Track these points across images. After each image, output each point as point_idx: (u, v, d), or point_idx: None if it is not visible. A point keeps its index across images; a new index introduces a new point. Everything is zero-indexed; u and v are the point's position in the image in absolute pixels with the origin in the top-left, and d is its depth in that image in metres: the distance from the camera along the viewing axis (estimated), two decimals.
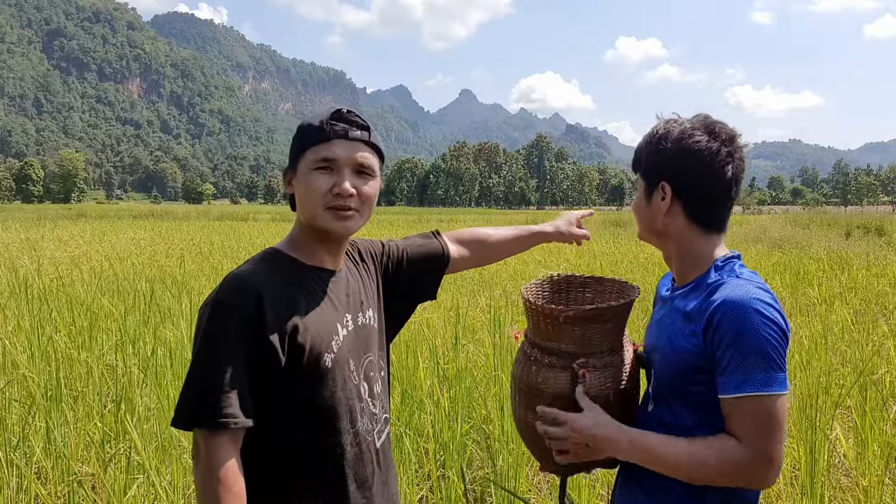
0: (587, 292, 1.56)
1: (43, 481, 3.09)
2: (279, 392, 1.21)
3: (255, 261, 1.28)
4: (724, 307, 1.17)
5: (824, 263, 11.17)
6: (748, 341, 1.14)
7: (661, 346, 1.33)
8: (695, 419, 1.25)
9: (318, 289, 1.29)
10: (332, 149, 1.24)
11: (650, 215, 1.36)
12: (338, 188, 1.24)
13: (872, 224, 21.48)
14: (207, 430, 1.14)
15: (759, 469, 1.16)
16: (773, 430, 1.15)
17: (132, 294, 7.32)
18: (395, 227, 26.44)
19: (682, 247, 1.35)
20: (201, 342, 1.18)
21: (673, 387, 1.28)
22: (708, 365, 1.21)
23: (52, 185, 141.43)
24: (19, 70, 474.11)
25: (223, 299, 1.18)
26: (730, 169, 1.28)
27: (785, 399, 1.17)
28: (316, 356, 1.23)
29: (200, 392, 1.15)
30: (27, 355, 4.47)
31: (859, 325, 5.93)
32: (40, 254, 12.09)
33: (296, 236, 1.34)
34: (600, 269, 10.37)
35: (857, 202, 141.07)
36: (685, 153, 1.28)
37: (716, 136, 1.28)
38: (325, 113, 1.27)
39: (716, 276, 1.28)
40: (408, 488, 2.96)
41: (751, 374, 1.14)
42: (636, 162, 1.41)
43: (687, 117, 1.36)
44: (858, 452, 3.23)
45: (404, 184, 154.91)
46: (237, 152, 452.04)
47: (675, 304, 1.34)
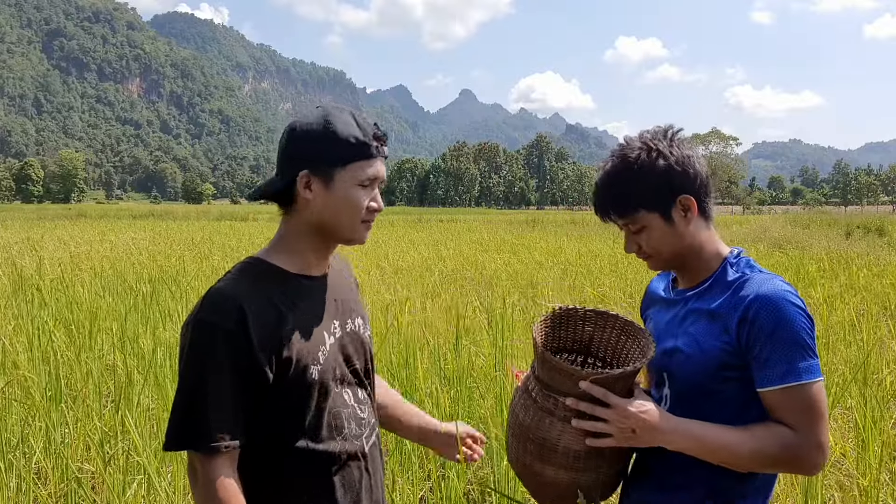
0: (588, 326, 1.49)
1: (43, 481, 3.09)
2: (265, 403, 1.20)
3: (234, 273, 1.25)
4: (760, 301, 1.20)
5: (824, 263, 11.17)
6: (788, 332, 1.18)
7: (684, 348, 1.31)
8: (721, 417, 1.25)
9: (303, 298, 1.27)
10: (378, 168, 1.27)
11: (677, 237, 1.32)
12: (376, 204, 1.28)
13: (872, 224, 21.47)
14: (202, 453, 1.13)
15: (814, 455, 1.19)
16: (823, 416, 1.19)
17: (132, 294, 7.32)
18: (395, 227, 26.44)
19: (696, 248, 1.35)
20: (186, 363, 1.16)
21: (701, 386, 1.28)
22: (738, 362, 1.23)
23: (52, 185, 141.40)
24: (19, 70, 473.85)
25: (204, 318, 1.16)
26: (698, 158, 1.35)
27: (823, 384, 1.21)
28: (302, 368, 1.22)
29: (190, 415, 1.14)
30: (27, 355, 4.47)
31: (860, 325, 5.92)
32: (40, 254, 12.09)
33: (285, 242, 1.31)
34: (600, 269, 10.37)
35: (857, 202, 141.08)
36: (686, 161, 1.30)
37: (665, 135, 1.33)
38: (367, 127, 1.26)
39: (735, 273, 1.30)
40: (408, 488, 2.96)
41: (794, 363, 1.17)
42: (630, 202, 1.31)
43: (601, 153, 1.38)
44: (858, 452, 3.23)
45: (404, 184, 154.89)
46: (237, 152, 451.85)
47: (692, 306, 1.33)
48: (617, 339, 1.45)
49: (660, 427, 1.22)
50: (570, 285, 8.34)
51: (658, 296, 1.49)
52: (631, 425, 1.22)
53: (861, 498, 2.91)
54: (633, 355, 1.38)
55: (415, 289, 7.99)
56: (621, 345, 1.44)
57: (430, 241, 18.09)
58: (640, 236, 1.34)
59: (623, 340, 1.44)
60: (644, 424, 1.22)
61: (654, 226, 1.32)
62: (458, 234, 21.77)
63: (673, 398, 1.35)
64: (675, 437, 1.23)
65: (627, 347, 1.42)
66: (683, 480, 1.30)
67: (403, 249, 14.62)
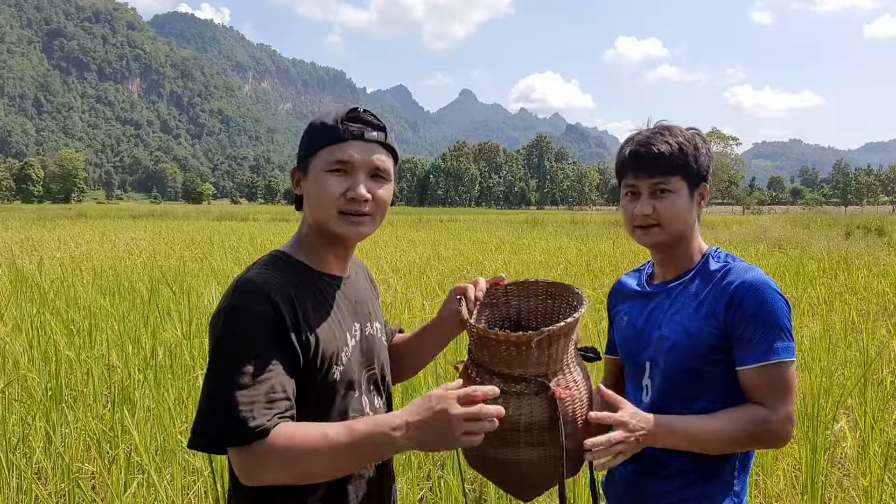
0: (512, 300, 1.45)
1: (43, 481, 3.09)
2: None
3: (262, 264, 1.21)
4: (745, 286, 1.31)
5: (824, 263, 11.17)
6: (770, 314, 1.29)
7: (670, 335, 1.39)
8: (706, 399, 1.35)
9: (327, 296, 1.23)
10: (347, 150, 1.17)
11: (692, 217, 1.43)
12: (353, 192, 1.18)
13: (872, 224, 21.49)
14: (249, 442, 1.05)
15: (785, 428, 1.30)
16: (793, 392, 1.31)
17: (132, 294, 7.32)
18: (395, 228, 26.43)
19: (689, 236, 1.45)
20: (221, 350, 1.09)
21: (689, 370, 1.36)
22: (725, 344, 1.33)
23: (52, 185, 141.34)
24: (19, 70, 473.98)
25: (237, 304, 1.11)
26: None
27: (796, 365, 1.33)
28: (327, 368, 1.17)
29: (229, 406, 1.05)
30: (27, 356, 4.47)
31: (860, 325, 5.92)
32: (41, 254, 12.09)
33: (303, 239, 1.27)
34: (600, 269, 10.37)
35: (857, 202, 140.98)
36: (711, 158, 1.45)
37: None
38: (341, 111, 1.20)
39: (717, 264, 1.41)
40: (408, 488, 2.96)
41: (774, 343, 1.29)
42: (676, 163, 1.37)
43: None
44: (859, 452, 3.23)
45: (404, 184, 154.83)
46: (237, 152, 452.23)
47: (676, 295, 1.42)
48: (544, 303, 1.45)
49: (654, 432, 1.27)
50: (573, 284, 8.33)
51: (632, 290, 1.55)
52: (637, 437, 1.26)
53: (861, 498, 2.91)
54: (565, 313, 1.39)
55: (414, 289, 7.99)
56: (549, 309, 1.45)
57: (430, 241, 18.09)
58: (662, 201, 1.39)
59: (550, 304, 1.44)
60: (645, 434, 1.26)
61: (680, 196, 1.39)
62: (458, 234, 21.77)
63: (657, 385, 1.42)
64: (668, 436, 1.29)
65: (556, 308, 1.43)
66: (680, 465, 1.39)
67: (403, 249, 14.62)
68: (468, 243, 17.22)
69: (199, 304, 6.61)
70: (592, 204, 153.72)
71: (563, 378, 1.27)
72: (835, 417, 3.43)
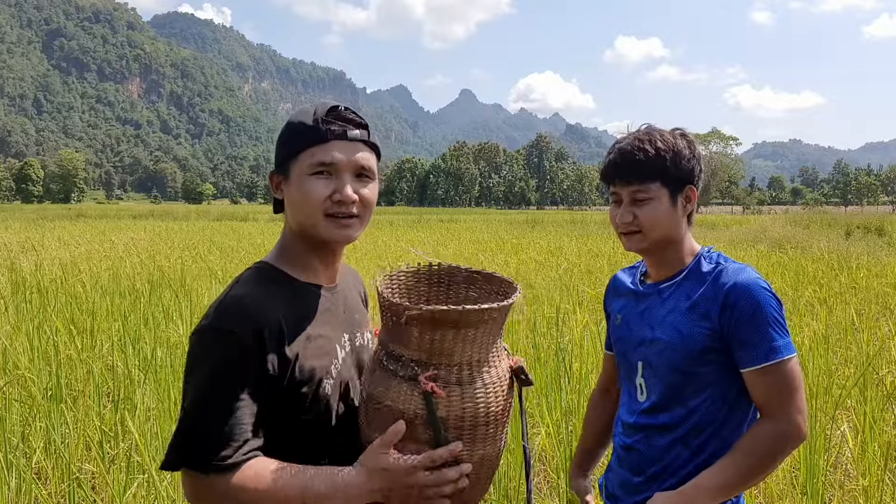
0: (471, 290, 1.30)
1: (43, 481, 3.09)
2: (274, 415, 1.11)
3: (245, 280, 1.16)
4: (738, 288, 1.32)
5: (824, 263, 11.16)
6: (765, 314, 1.31)
7: (663, 337, 1.40)
8: (700, 398, 1.37)
9: (314, 309, 1.19)
10: (330, 152, 1.13)
11: (676, 222, 1.41)
12: (340, 195, 1.13)
13: (872, 224, 21.48)
14: (206, 473, 1.03)
15: (801, 424, 1.30)
16: (801, 386, 1.32)
17: (132, 294, 7.33)
18: (395, 228, 26.43)
19: (678, 239, 1.44)
20: (196, 374, 1.07)
21: (682, 371, 1.37)
22: (719, 345, 1.34)
23: (52, 185, 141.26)
24: (19, 70, 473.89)
25: (217, 326, 1.07)
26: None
27: (798, 359, 1.34)
28: (317, 382, 1.14)
29: (201, 431, 1.04)
30: (27, 356, 4.47)
31: (860, 325, 5.92)
32: (40, 254, 12.09)
33: (286, 247, 1.22)
34: (600, 269, 10.37)
35: (857, 202, 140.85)
36: (697, 158, 1.43)
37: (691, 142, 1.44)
38: (320, 109, 1.15)
39: (709, 265, 1.41)
40: None
41: (773, 342, 1.30)
42: (653, 170, 1.37)
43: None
44: (859, 452, 3.23)
45: (404, 184, 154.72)
46: (237, 152, 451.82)
47: (668, 296, 1.43)
48: (466, 292, 1.30)
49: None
50: (570, 285, 8.34)
51: (626, 288, 1.56)
52: None
53: (861, 498, 2.91)
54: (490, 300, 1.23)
55: None
56: (472, 300, 1.29)
57: (430, 241, 18.08)
58: (641, 208, 1.39)
59: (475, 296, 1.29)
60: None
61: (660, 202, 1.39)
62: (458, 234, 21.76)
63: (651, 385, 1.44)
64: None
65: (481, 299, 1.27)
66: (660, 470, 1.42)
67: (403, 250, 14.62)
68: (468, 244, 17.21)
69: (199, 304, 6.62)
70: (592, 204, 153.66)
71: (449, 376, 1.08)
72: (834, 417, 3.43)
